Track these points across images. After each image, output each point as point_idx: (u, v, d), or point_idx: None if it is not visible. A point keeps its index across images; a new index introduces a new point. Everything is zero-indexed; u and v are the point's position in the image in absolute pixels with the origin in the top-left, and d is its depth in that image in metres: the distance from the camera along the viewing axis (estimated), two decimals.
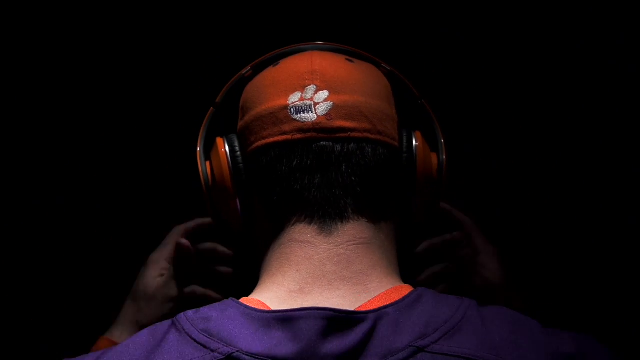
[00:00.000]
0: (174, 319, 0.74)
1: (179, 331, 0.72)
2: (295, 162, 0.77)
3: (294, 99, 0.79)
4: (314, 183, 0.77)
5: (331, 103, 0.79)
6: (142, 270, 1.02)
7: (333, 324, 0.70)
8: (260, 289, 0.78)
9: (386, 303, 0.72)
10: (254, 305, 0.73)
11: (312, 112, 0.78)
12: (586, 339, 0.73)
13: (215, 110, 0.92)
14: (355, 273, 0.76)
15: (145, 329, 0.75)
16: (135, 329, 0.96)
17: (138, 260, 1.03)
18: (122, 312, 1.01)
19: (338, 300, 0.74)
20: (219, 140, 0.85)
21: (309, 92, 0.79)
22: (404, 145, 0.83)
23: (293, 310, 0.71)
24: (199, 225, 1.02)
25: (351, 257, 0.76)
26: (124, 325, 0.99)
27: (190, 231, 1.02)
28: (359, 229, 0.77)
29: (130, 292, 1.02)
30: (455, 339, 0.70)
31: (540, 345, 0.71)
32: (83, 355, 0.77)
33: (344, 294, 0.74)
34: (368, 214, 0.78)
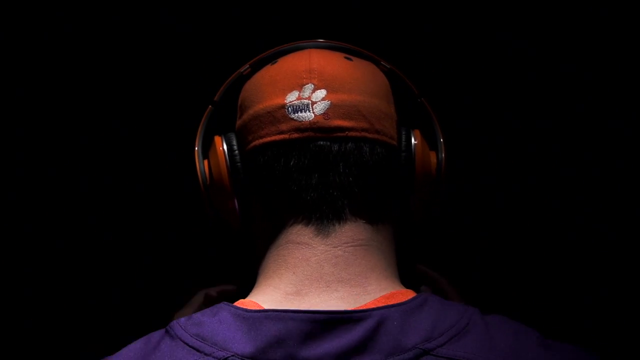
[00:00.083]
0: (167, 327, 0.73)
1: (172, 337, 0.72)
2: (292, 162, 0.77)
3: (292, 98, 0.79)
4: (311, 183, 0.76)
5: (329, 102, 0.78)
6: None
7: (330, 324, 0.69)
8: (256, 292, 0.77)
9: (389, 304, 0.72)
10: (248, 307, 0.72)
11: (310, 112, 0.77)
12: (586, 355, 0.73)
13: (213, 108, 0.91)
14: (354, 275, 0.75)
15: (139, 339, 0.75)
16: None
17: (138, 260, 1.03)
18: None
19: (336, 302, 0.73)
20: (217, 138, 0.85)
21: (307, 91, 0.79)
22: (403, 144, 0.82)
23: (286, 311, 0.70)
24: (222, 291, 0.98)
25: (349, 259, 0.76)
26: None
27: (213, 298, 0.97)
28: (357, 230, 0.77)
29: None
30: (461, 343, 0.70)
31: (541, 356, 0.71)
32: None
33: (342, 296, 0.74)
34: (366, 215, 0.78)
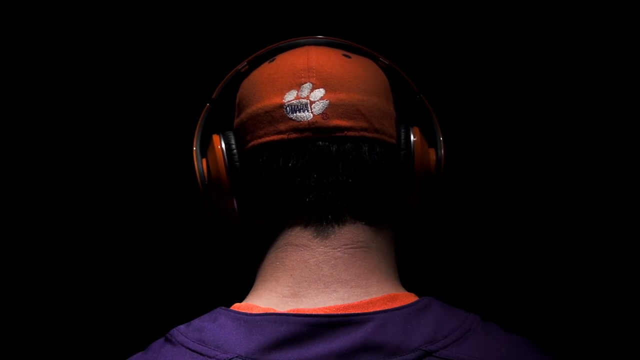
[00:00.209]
0: (167, 335, 0.73)
1: (173, 344, 0.72)
2: (291, 163, 0.76)
3: (290, 97, 0.78)
4: (310, 184, 0.76)
5: (327, 102, 0.77)
6: None
7: (332, 326, 0.69)
8: (253, 295, 0.77)
9: (391, 307, 0.72)
10: (246, 311, 0.72)
11: (308, 111, 0.77)
12: None
13: (211, 106, 0.91)
14: (354, 276, 0.75)
15: (137, 353, 0.74)
16: None
17: (136, 259, 1.03)
18: None
19: (336, 302, 0.73)
20: (215, 137, 0.84)
21: (305, 91, 0.78)
22: (402, 142, 0.81)
23: (287, 315, 0.70)
24: None
25: (349, 261, 0.75)
26: None
27: None
28: (356, 232, 0.76)
29: None
30: (463, 346, 0.70)
31: None
32: None
33: (342, 296, 0.73)
34: (365, 217, 0.77)
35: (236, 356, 0.69)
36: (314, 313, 0.71)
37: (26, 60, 1.20)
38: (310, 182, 0.76)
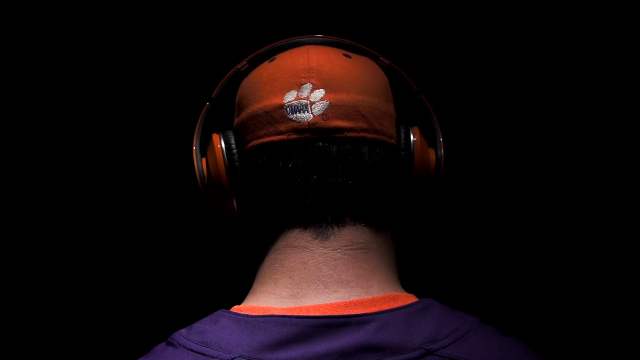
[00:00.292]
0: (169, 339, 0.73)
1: (175, 347, 0.72)
2: (291, 164, 0.76)
3: (290, 97, 0.78)
4: (309, 185, 0.76)
5: (327, 102, 0.77)
6: None
7: (333, 327, 0.69)
8: (252, 297, 0.77)
9: (393, 306, 0.72)
10: (246, 313, 0.72)
11: (308, 112, 0.77)
12: None
13: (211, 105, 0.90)
14: (355, 277, 0.75)
15: (140, 358, 0.74)
16: None
17: (136, 259, 1.03)
18: None
19: (337, 300, 0.73)
20: (215, 136, 0.84)
21: (305, 91, 0.78)
22: (402, 142, 0.81)
23: (290, 317, 0.70)
24: None
25: (349, 262, 0.75)
26: None
27: None
28: (356, 234, 0.76)
29: None
30: (464, 346, 0.71)
31: None
32: None
33: (342, 296, 0.73)
34: (365, 218, 0.77)
35: (239, 356, 0.69)
36: (315, 313, 0.71)
37: (26, 60, 1.20)
38: (310, 183, 0.76)
